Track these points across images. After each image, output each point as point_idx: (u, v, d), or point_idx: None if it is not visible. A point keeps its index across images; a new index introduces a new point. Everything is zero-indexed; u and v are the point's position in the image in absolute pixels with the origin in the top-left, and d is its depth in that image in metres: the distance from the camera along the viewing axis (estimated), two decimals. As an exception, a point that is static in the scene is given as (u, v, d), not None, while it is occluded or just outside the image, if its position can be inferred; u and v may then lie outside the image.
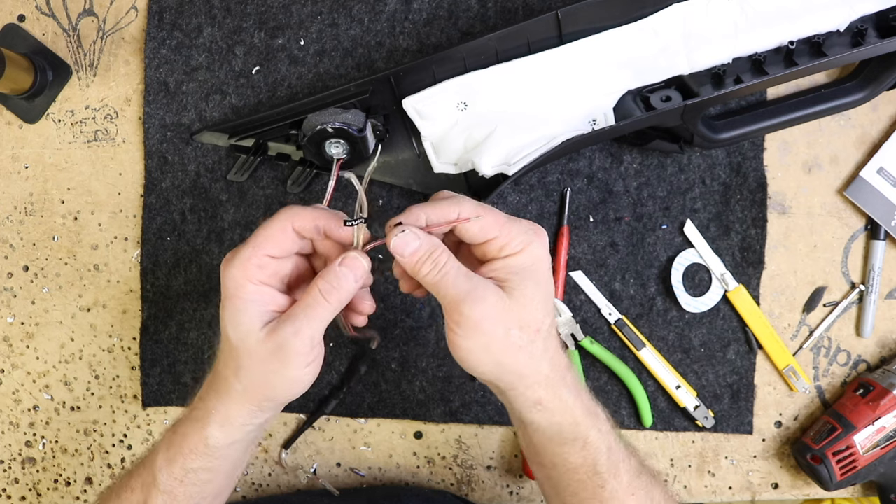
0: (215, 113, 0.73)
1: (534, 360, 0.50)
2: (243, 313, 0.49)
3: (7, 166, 0.75)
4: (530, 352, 0.50)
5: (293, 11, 0.73)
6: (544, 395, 0.51)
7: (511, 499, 0.76)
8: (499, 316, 0.49)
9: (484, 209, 0.50)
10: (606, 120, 0.66)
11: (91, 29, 0.74)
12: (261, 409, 0.52)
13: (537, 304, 0.50)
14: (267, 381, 0.50)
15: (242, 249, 0.50)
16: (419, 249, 0.49)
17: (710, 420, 0.74)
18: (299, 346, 0.49)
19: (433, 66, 0.66)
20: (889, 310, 0.74)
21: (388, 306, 0.74)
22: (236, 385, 0.51)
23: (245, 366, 0.50)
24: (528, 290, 0.49)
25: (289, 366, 0.49)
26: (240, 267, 0.49)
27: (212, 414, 0.52)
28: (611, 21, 0.65)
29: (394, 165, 0.71)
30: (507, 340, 0.49)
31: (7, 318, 0.77)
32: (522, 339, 0.49)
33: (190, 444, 0.53)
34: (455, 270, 0.49)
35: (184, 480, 0.53)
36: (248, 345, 0.49)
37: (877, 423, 0.69)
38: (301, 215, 0.50)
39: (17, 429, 0.78)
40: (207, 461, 0.53)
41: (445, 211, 0.50)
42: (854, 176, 0.73)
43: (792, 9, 0.64)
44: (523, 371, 0.50)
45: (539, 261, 0.50)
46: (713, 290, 0.73)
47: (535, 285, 0.50)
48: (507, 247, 0.50)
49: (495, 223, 0.50)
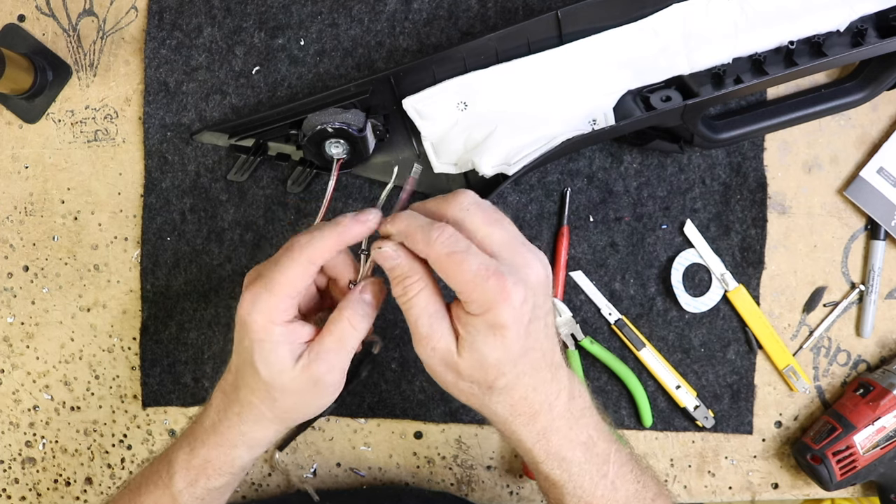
0: (215, 113, 0.73)
1: (488, 410, 0.50)
2: (274, 354, 0.49)
3: (7, 166, 0.75)
4: (482, 402, 0.50)
5: (293, 11, 0.73)
6: (506, 433, 0.51)
7: (511, 499, 0.76)
8: (445, 368, 0.49)
9: (452, 261, 0.45)
10: (606, 120, 0.66)
11: (91, 29, 0.74)
12: (287, 427, 0.55)
13: (488, 367, 0.47)
14: (298, 408, 0.53)
15: (264, 296, 0.48)
16: (395, 269, 0.49)
17: (710, 420, 0.74)
18: (333, 377, 0.51)
19: (433, 66, 0.66)
20: (889, 310, 0.74)
21: (388, 306, 0.73)
22: (266, 412, 0.52)
23: (278, 398, 0.51)
24: (478, 353, 0.47)
25: (323, 395, 0.52)
26: (265, 313, 0.49)
27: (239, 439, 0.53)
28: (611, 21, 0.65)
29: (394, 165, 0.71)
30: (458, 388, 0.49)
31: (7, 318, 0.77)
32: (473, 389, 0.49)
33: (214, 467, 0.54)
34: (421, 307, 0.48)
35: (205, 499, 0.55)
36: (282, 382, 0.50)
37: (877, 423, 0.69)
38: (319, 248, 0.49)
39: (17, 429, 0.78)
40: (230, 479, 0.55)
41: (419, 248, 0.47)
42: (854, 176, 0.73)
43: (792, 9, 0.64)
44: (483, 411, 0.51)
45: (502, 325, 0.45)
46: (713, 290, 0.73)
47: (489, 349, 0.46)
48: (468, 305, 0.46)
49: (459, 282, 0.45)
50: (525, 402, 0.50)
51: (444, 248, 0.46)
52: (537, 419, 0.50)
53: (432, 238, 0.46)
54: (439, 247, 0.46)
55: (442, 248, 0.46)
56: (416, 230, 0.47)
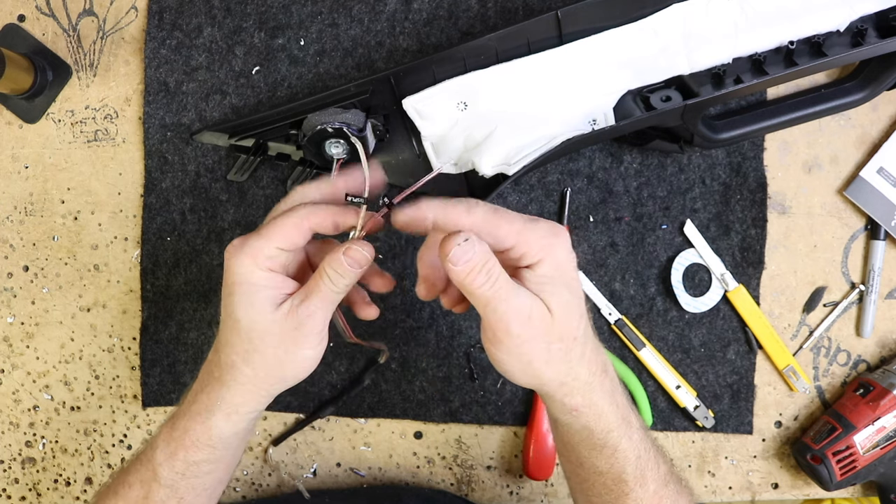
0: (215, 113, 0.73)
1: (572, 368, 0.50)
2: (255, 296, 0.49)
3: (7, 166, 0.75)
4: (569, 361, 0.49)
5: (293, 11, 0.73)
6: (581, 401, 0.51)
7: (511, 499, 0.76)
8: (542, 334, 0.48)
9: (499, 216, 0.47)
10: (606, 120, 0.66)
11: (91, 29, 0.74)
12: (268, 393, 0.52)
13: (572, 312, 0.49)
14: (279, 362, 0.50)
15: (253, 239, 0.50)
16: (474, 258, 0.46)
17: (710, 420, 0.74)
18: (314, 326, 0.50)
19: (433, 66, 0.66)
20: (889, 310, 0.74)
21: (388, 306, 0.74)
22: (245, 370, 0.51)
23: (258, 348, 0.50)
24: (563, 300, 0.48)
25: (303, 345, 0.50)
26: (250, 255, 0.49)
27: (217, 404, 0.52)
28: (611, 21, 0.65)
29: (394, 165, 0.71)
30: (548, 355, 0.49)
31: (7, 318, 0.77)
32: (562, 350, 0.49)
33: (192, 438, 0.53)
34: (507, 284, 0.47)
35: (186, 473, 0.53)
36: (263, 325, 0.49)
37: (877, 423, 0.69)
38: (318, 214, 0.50)
39: (17, 429, 0.78)
40: (210, 453, 0.53)
41: (455, 217, 0.47)
42: (854, 176, 0.73)
43: (792, 9, 0.64)
44: (563, 380, 0.50)
45: (564, 264, 0.49)
46: (713, 290, 0.73)
47: (568, 292, 0.49)
48: (527, 255, 0.48)
49: (510, 231, 0.47)
50: (596, 355, 0.51)
51: (487, 210, 0.47)
52: (607, 371, 0.52)
53: (470, 205, 0.47)
54: (481, 210, 0.47)
55: (485, 210, 0.47)
56: (452, 204, 0.48)
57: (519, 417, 0.75)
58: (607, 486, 0.53)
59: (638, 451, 0.52)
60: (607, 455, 0.52)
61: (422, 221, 0.48)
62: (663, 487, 0.53)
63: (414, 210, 0.49)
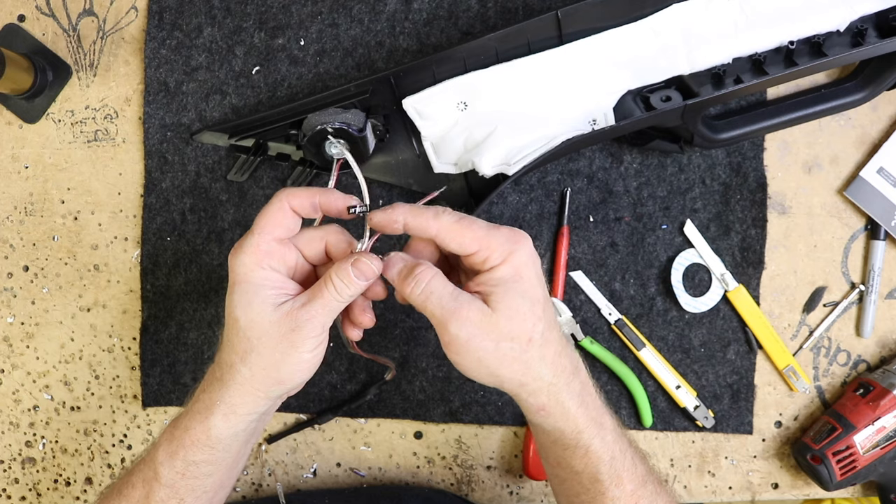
0: (215, 113, 0.73)
1: (531, 368, 0.50)
2: (255, 295, 0.50)
3: (7, 166, 0.75)
4: (525, 361, 0.50)
5: (293, 11, 0.73)
6: (546, 401, 0.51)
7: (511, 499, 0.76)
8: (485, 332, 0.49)
9: (463, 223, 0.50)
10: (606, 120, 0.66)
11: (91, 29, 0.74)
12: (266, 395, 0.52)
13: (524, 314, 0.50)
14: (276, 363, 0.50)
15: (248, 237, 0.51)
16: (402, 268, 0.51)
17: (710, 420, 0.74)
18: (312, 329, 0.50)
19: (433, 66, 0.66)
20: (889, 310, 0.74)
21: (388, 306, 0.74)
22: (243, 370, 0.51)
23: (255, 348, 0.50)
24: (512, 302, 0.49)
25: (300, 347, 0.50)
26: (249, 253, 0.50)
27: (216, 404, 0.52)
28: (611, 21, 0.65)
29: (394, 165, 0.71)
30: (499, 353, 0.50)
31: (7, 318, 0.77)
32: (514, 349, 0.50)
33: (192, 437, 0.53)
34: (440, 289, 0.49)
35: (185, 474, 0.53)
36: (261, 325, 0.50)
37: (877, 423, 0.69)
38: (297, 194, 0.51)
39: (17, 429, 0.78)
40: (209, 453, 0.53)
41: (423, 222, 0.50)
42: (854, 176, 0.73)
43: (792, 9, 0.64)
44: (522, 379, 0.51)
45: (523, 268, 0.50)
46: (713, 290, 0.73)
47: (519, 296, 0.50)
48: (489, 259, 0.50)
49: (473, 238, 0.50)
50: (561, 358, 0.51)
51: (453, 217, 0.50)
52: (577, 375, 0.52)
53: (438, 212, 0.50)
54: (447, 216, 0.50)
55: (451, 217, 0.50)
56: (419, 209, 0.51)
57: (519, 417, 0.75)
58: (584, 485, 0.53)
59: (612, 451, 0.53)
60: (580, 455, 0.52)
61: (393, 224, 0.51)
62: (641, 487, 0.53)
63: (387, 213, 0.51)
